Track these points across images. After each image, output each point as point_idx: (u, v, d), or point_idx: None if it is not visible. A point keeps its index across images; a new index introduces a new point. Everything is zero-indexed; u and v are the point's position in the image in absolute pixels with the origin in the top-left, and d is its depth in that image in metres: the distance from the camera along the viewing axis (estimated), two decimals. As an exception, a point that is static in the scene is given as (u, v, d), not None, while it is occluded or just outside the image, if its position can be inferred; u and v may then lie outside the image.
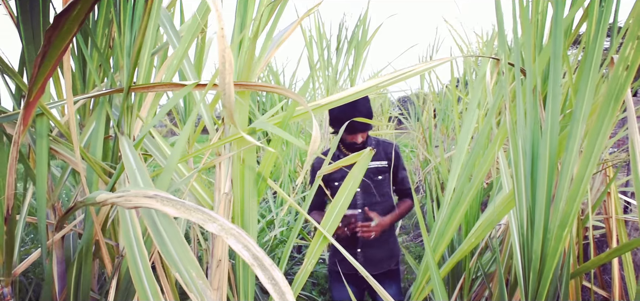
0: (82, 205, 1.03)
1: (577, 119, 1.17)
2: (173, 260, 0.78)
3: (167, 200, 0.77)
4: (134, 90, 1.20)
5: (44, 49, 0.73)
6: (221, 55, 0.79)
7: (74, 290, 1.32)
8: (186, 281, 0.73)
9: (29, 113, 0.87)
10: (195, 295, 0.71)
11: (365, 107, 2.45)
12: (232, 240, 0.66)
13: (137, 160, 1.07)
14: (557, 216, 1.20)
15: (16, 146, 0.92)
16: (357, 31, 4.95)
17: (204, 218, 0.71)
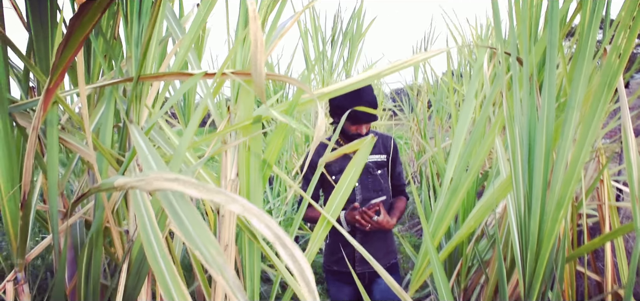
0: (96, 190, 1.06)
1: (572, 106, 1.22)
2: (193, 240, 0.81)
3: (188, 182, 0.81)
4: (143, 79, 1.24)
5: (67, 36, 0.76)
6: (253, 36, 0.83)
7: (85, 275, 1.35)
8: (207, 259, 0.77)
9: (49, 99, 0.90)
10: (216, 271, 0.75)
11: (371, 97, 2.38)
12: (255, 220, 0.70)
13: (149, 146, 1.11)
14: (553, 198, 1.25)
15: (35, 131, 0.95)
16: (352, 23, 4.99)
17: (226, 199, 0.75)
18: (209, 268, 0.76)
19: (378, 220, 2.32)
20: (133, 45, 1.30)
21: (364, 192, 2.50)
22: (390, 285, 1.59)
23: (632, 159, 1.47)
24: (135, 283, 1.34)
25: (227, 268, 0.75)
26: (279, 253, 0.67)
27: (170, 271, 0.94)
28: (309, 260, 1.54)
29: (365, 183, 2.51)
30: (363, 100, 2.33)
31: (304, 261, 0.66)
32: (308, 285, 0.64)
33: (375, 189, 2.51)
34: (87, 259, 1.35)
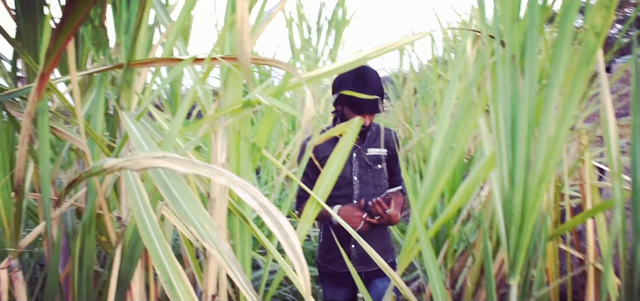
0: (87, 175, 1.08)
1: (553, 85, 1.26)
2: (187, 216, 0.84)
3: (175, 159, 0.83)
4: (133, 65, 1.25)
5: (62, 21, 0.78)
6: (240, 16, 0.85)
7: (79, 262, 1.37)
8: (201, 234, 0.80)
9: (43, 84, 0.92)
10: (211, 245, 0.78)
11: (378, 84, 2.26)
12: (240, 191, 0.73)
13: (142, 131, 1.13)
14: (535, 174, 1.29)
15: (30, 117, 0.97)
16: (337, 11, 5.02)
17: (212, 173, 0.78)
18: (203, 242, 0.78)
19: (389, 213, 2.23)
20: (122, 33, 1.31)
21: (362, 187, 2.39)
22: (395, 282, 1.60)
23: (611, 135, 1.52)
24: (128, 268, 1.36)
25: (220, 241, 0.78)
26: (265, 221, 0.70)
27: (165, 250, 0.96)
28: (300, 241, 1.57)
29: (364, 178, 2.40)
30: (369, 86, 2.21)
31: (288, 228, 0.69)
32: (293, 249, 0.67)
33: (375, 184, 2.40)
34: (80, 246, 1.37)
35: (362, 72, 2.25)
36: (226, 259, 0.75)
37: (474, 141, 3.83)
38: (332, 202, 2.31)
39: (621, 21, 20.32)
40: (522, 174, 1.32)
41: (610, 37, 13.39)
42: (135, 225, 1.35)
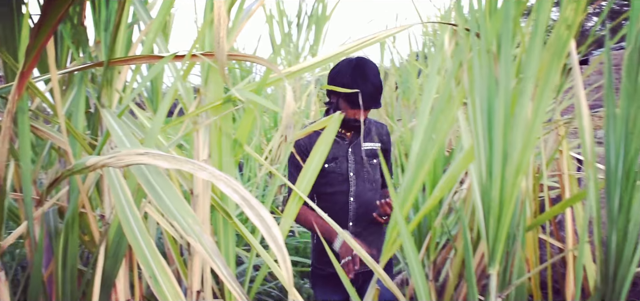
0: (69, 173, 1.09)
1: (527, 77, 1.29)
2: (170, 212, 0.85)
3: (158, 155, 0.84)
4: (114, 63, 1.26)
5: (41, 19, 0.78)
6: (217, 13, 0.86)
7: (62, 261, 1.37)
8: (184, 228, 0.81)
9: (23, 83, 0.92)
10: (194, 239, 0.79)
11: (377, 79, 2.16)
12: (222, 185, 0.74)
13: (124, 128, 1.14)
14: (512, 165, 1.32)
15: (10, 115, 0.97)
16: (317, 6, 5.03)
17: (194, 168, 0.79)
18: (187, 237, 0.80)
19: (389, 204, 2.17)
20: (102, 30, 1.32)
21: (359, 183, 2.32)
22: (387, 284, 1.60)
23: (585, 126, 1.56)
24: (112, 266, 1.37)
25: (203, 235, 0.79)
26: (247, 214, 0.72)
27: (149, 246, 0.97)
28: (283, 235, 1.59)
29: (360, 174, 2.33)
30: (369, 81, 2.12)
31: (270, 220, 0.71)
32: (276, 241, 0.69)
33: (371, 180, 2.35)
34: (64, 245, 1.37)
35: (362, 65, 2.15)
36: (209, 253, 0.77)
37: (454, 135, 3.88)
38: (328, 199, 2.29)
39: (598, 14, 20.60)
40: (499, 165, 1.35)
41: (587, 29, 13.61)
42: (118, 222, 1.35)
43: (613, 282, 1.40)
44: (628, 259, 1.36)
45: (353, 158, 2.32)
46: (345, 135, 2.33)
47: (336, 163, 2.29)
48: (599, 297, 1.44)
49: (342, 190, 2.31)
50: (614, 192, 1.42)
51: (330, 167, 2.29)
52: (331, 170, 2.29)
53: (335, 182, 2.31)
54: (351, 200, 2.30)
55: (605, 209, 1.44)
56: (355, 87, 2.01)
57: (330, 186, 2.31)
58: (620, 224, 1.39)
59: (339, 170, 2.30)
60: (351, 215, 2.31)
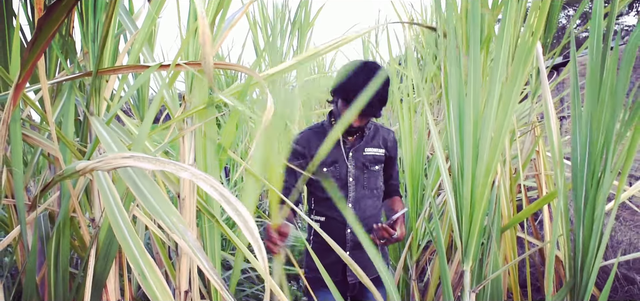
0: (60, 178, 1.14)
1: (495, 81, 1.36)
2: (156, 211, 0.91)
3: (142, 157, 0.90)
4: (102, 72, 1.31)
5: (36, 34, 0.84)
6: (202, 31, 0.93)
7: (54, 264, 1.42)
8: (169, 226, 0.87)
9: (18, 93, 0.98)
10: (179, 236, 0.85)
11: (385, 91, 2.01)
12: (202, 183, 0.81)
13: (112, 134, 1.20)
14: (482, 165, 1.40)
15: (5, 124, 1.02)
16: (300, 13, 5.09)
17: (176, 168, 0.85)
18: (172, 234, 0.86)
19: (395, 237, 2.03)
20: (90, 41, 1.38)
21: (358, 190, 2.22)
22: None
23: (553, 127, 1.64)
24: (103, 267, 1.42)
25: (188, 232, 0.85)
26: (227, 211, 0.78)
27: (138, 246, 1.03)
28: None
29: (359, 180, 2.23)
30: (377, 92, 1.96)
31: (247, 214, 0.77)
32: (251, 233, 0.75)
33: (371, 187, 2.24)
34: (56, 248, 1.42)
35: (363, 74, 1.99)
36: (193, 248, 0.83)
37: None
38: (327, 205, 2.22)
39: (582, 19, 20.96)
40: (470, 165, 1.42)
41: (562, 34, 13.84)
42: (108, 225, 1.41)
43: (581, 274, 1.48)
44: (594, 252, 1.44)
45: (353, 163, 2.22)
46: (347, 138, 2.23)
47: (335, 167, 2.21)
48: (568, 289, 1.51)
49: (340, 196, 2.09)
50: (580, 189, 1.49)
51: (329, 170, 2.21)
52: (330, 174, 2.21)
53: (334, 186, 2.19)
54: (349, 207, 2.20)
55: (573, 205, 1.52)
56: (354, 95, 1.94)
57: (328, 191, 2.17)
58: (587, 219, 1.47)
59: (337, 175, 2.21)
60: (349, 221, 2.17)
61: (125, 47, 1.71)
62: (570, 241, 1.55)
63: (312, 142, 2.23)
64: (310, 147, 2.22)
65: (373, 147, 2.23)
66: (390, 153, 2.29)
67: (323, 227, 2.21)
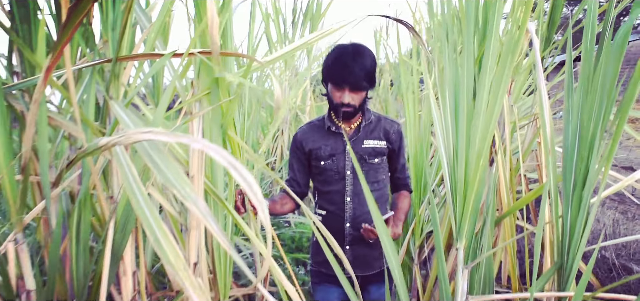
0: (84, 154, 1.25)
1: (485, 71, 1.45)
2: (171, 182, 1.02)
3: (159, 132, 1.01)
4: (121, 59, 1.42)
5: (67, 19, 0.95)
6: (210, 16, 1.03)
7: (76, 235, 1.54)
8: (182, 194, 0.97)
9: (48, 75, 1.08)
10: (190, 202, 0.96)
11: (370, 60, 2.02)
12: (213, 152, 0.91)
13: (130, 116, 1.30)
14: (474, 150, 1.49)
15: (36, 104, 1.14)
16: (312, 4, 5.19)
17: (191, 140, 0.96)
18: (184, 201, 0.96)
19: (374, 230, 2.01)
20: (109, 30, 1.49)
21: (356, 183, 2.17)
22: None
23: (546, 117, 1.72)
24: (121, 239, 1.54)
25: (198, 200, 0.96)
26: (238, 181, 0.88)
27: (154, 216, 1.14)
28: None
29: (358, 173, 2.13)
30: (354, 60, 1.98)
31: (251, 179, 0.87)
32: (256, 195, 0.85)
33: (370, 180, 2.18)
34: (77, 221, 1.54)
35: (341, 47, 2.05)
36: (203, 213, 0.93)
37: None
38: (327, 199, 2.22)
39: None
40: (464, 149, 1.51)
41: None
42: (125, 201, 1.53)
43: (567, 255, 1.57)
44: (579, 234, 1.53)
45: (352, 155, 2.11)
46: (345, 130, 2.21)
47: (333, 160, 2.19)
48: (555, 269, 1.60)
49: (338, 189, 2.19)
50: (570, 174, 1.58)
51: (327, 164, 2.19)
52: (328, 168, 2.19)
53: (332, 179, 2.20)
54: (348, 200, 2.18)
55: (562, 191, 1.61)
56: (333, 66, 2.01)
57: (327, 184, 2.21)
58: (574, 203, 1.55)
59: (335, 168, 2.19)
60: (348, 216, 2.18)
61: (141, 37, 1.82)
62: (559, 225, 1.64)
63: (309, 136, 2.24)
64: (308, 141, 2.23)
65: (373, 139, 2.18)
66: (393, 146, 2.23)
67: (324, 221, 2.19)
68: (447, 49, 1.57)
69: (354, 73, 1.97)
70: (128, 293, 1.63)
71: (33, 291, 1.52)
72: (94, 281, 1.66)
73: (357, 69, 1.97)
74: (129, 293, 1.63)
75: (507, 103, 2.25)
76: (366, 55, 2.02)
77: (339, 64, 1.99)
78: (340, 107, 2.06)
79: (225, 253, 1.81)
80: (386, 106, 5.21)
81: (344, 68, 1.98)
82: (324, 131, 2.23)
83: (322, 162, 2.20)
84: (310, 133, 2.26)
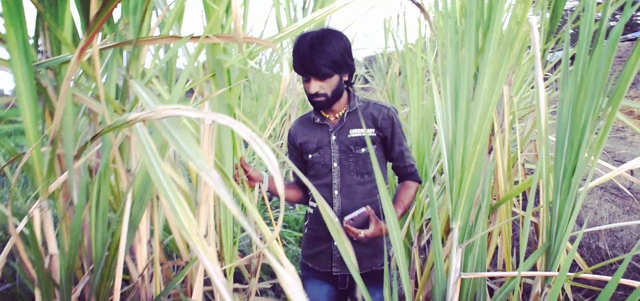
0: (110, 128, 1.36)
1: (485, 62, 1.54)
2: (188, 155, 1.12)
3: (187, 109, 1.11)
4: (141, 42, 1.52)
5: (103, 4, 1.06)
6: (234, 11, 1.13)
7: (95, 205, 1.65)
8: (198, 167, 1.08)
9: (82, 54, 1.18)
10: (206, 174, 1.06)
11: (335, 44, 1.89)
12: (236, 127, 1.01)
13: (150, 94, 1.41)
14: (472, 134, 1.58)
15: (69, 81, 1.24)
16: (321, -10, 5.25)
17: (216, 116, 1.06)
18: (200, 173, 1.07)
19: (366, 234, 1.93)
20: (131, 13, 1.58)
21: (343, 175, 2.07)
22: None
23: (541, 106, 1.81)
24: (138, 210, 1.65)
25: (212, 172, 1.06)
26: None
27: (171, 187, 1.24)
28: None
29: (345, 165, 2.07)
30: (311, 47, 1.88)
31: (269, 151, 0.97)
32: (273, 165, 0.95)
33: (359, 171, 2.07)
34: (97, 192, 1.65)
35: (301, 37, 1.93)
36: (216, 182, 1.04)
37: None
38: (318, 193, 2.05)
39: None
40: (462, 135, 1.61)
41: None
42: (142, 174, 1.64)
43: (555, 237, 1.66)
44: (567, 218, 1.62)
45: (337, 147, 2.08)
46: (330, 120, 2.13)
47: (320, 153, 2.11)
48: (544, 250, 1.70)
49: (326, 182, 2.10)
50: (560, 162, 1.67)
51: (315, 157, 2.12)
52: (316, 161, 2.12)
53: (320, 173, 2.12)
54: (335, 194, 2.08)
55: (553, 176, 1.70)
56: (294, 60, 1.91)
57: (316, 178, 2.13)
58: (563, 190, 1.65)
59: (322, 161, 2.10)
60: (336, 210, 2.08)
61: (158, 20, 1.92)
62: (549, 209, 1.73)
63: (299, 130, 2.19)
64: (298, 135, 2.18)
65: (359, 128, 2.05)
66: (384, 133, 2.07)
67: (315, 215, 2.15)
68: (450, 37, 1.66)
69: (313, 62, 1.87)
70: (143, 260, 1.75)
71: (55, 256, 1.63)
72: (110, 249, 1.77)
73: (317, 57, 1.86)
74: (144, 260, 1.74)
75: (507, 94, 2.34)
76: (328, 40, 1.89)
77: (298, 55, 1.90)
78: (310, 98, 1.98)
79: (231, 227, 1.92)
80: (392, 95, 5.29)
81: (303, 58, 1.88)
82: (312, 124, 2.15)
83: (309, 155, 2.13)
84: (299, 127, 2.20)
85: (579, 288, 2.85)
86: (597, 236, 3.46)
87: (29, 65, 1.39)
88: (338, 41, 1.91)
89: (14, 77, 1.38)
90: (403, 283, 1.67)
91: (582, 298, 2.82)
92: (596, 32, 1.60)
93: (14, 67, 1.35)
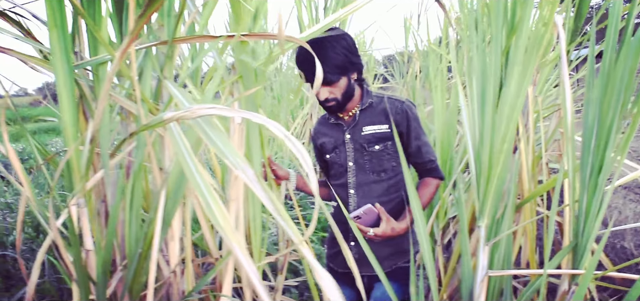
0: (145, 127, 1.40)
1: (513, 63, 1.56)
2: (223, 153, 1.16)
3: (223, 108, 1.15)
4: (175, 42, 1.57)
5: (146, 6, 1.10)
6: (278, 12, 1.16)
7: (130, 202, 1.70)
8: (234, 164, 1.12)
9: (123, 56, 1.23)
10: (241, 172, 1.10)
11: (337, 47, 1.86)
12: (271, 127, 1.05)
13: (185, 94, 1.45)
14: (499, 133, 1.60)
15: (109, 81, 1.29)
16: (343, -11, 5.28)
17: (252, 116, 1.10)
18: (235, 170, 1.11)
19: (376, 233, 1.90)
20: (166, 15, 1.63)
21: (359, 174, 2.06)
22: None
23: (568, 106, 1.82)
24: (171, 207, 1.70)
25: (248, 169, 1.10)
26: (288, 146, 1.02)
27: (206, 184, 1.29)
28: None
29: (360, 164, 2.05)
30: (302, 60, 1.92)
31: (303, 150, 1.01)
32: (306, 162, 0.99)
33: (374, 170, 2.04)
34: (132, 189, 1.70)
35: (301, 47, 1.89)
36: (250, 179, 1.07)
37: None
38: (335, 192, 2.13)
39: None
40: (489, 134, 1.63)
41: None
42: (176, 172, 1.68)
43: (582, 236, 1.67)
44: (594, 216, 1.63)
45: (352, 145, 2.06)
46: (345, 118, 2.10)
47: (336, 153, 2.11)
48: (571, 248, 1.71)
49: (343, 182, 2.10)
50: (587, 161, 1.68)
51: (332, 157, 2.12)
52: (333, 161, 2.13)
53: (337, 173, 2.13)
54: (351, 193, 2.07)
55: (580, 175, 1.71)
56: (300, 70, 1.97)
57: (335, 177, 2.14)
58: (590, 188, 1.66)
59: (338, 160, 2.10)
60: (352, 209, 2.05)
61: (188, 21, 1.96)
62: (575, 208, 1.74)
63: (319, 130, 2.20)
64: (318, 136, 2.20)
65: (373, 124, 2.01)
66: (399, 128, 1.99)
67: (334, 214, 2.09)
68: (476, 38, 1.68)
69: (304, 72, 1.91)
70: (175, 257, 1.79)
71: (91, 251, 1.68)
72: (143, 246, 1.82)
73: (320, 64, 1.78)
74: (176, 256, 1.79)
75: (532, 93, 2.34)
76: (330, 45, 1.86)
77: (302, 64, 1.92)
78: (322, 104, 1.99)
79: (260, 225, 1.96)
80: (413, 93, 5.30)
81: (308, 69, 1.89)
82: (328, 124, 2.15)
83: (327, 155, 2.13)
84: (319, 127, 2.22)
85: (604, 287, 2.84)
86: (622, 236, 3.43)
87: (69, 66, 1.44)
88: (339, 42, 1.88)
89: (56, 78, 1.44)
90: (430, 280, 1.69)
91: (607, 298, 2.81)
92: (622, 31, 1.60)
93: (55, 68, 1.41)
